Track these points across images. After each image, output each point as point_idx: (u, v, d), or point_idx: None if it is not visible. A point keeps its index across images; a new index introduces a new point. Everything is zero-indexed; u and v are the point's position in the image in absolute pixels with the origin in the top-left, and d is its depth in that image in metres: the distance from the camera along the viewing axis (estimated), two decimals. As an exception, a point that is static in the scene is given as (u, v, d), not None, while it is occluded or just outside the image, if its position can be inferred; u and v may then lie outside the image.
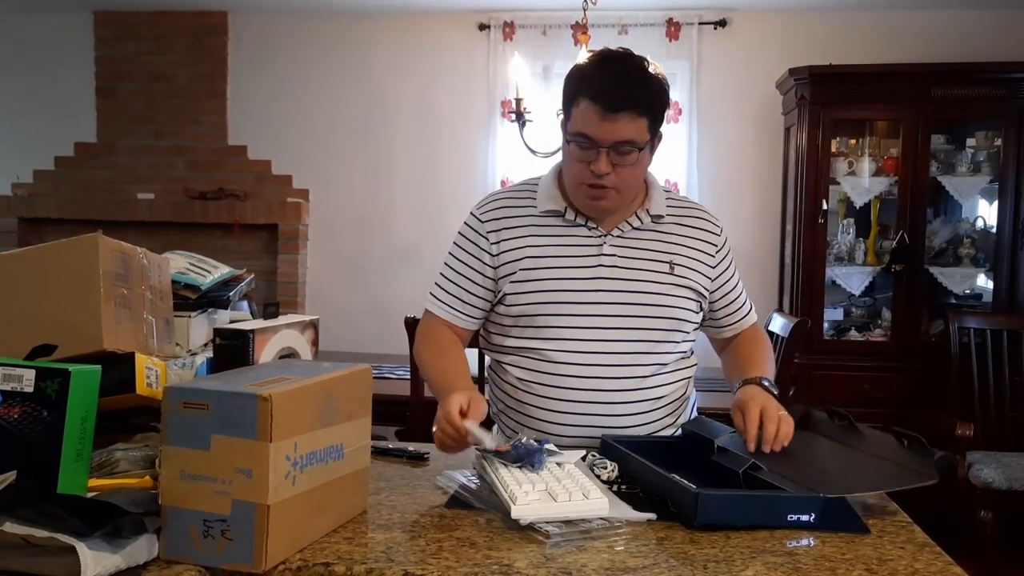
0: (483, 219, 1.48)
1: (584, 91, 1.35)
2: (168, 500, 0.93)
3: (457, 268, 1.49)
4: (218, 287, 1.56)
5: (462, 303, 1.48)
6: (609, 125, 1.33)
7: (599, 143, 1.34)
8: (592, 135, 1.34)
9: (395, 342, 3.06)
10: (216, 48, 4.10)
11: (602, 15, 3.57)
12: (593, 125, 1.33)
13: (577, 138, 1.36)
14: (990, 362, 3.02)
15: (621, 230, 1.45)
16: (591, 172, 1.35)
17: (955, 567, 0.97)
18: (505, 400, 1.51)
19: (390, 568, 0.93)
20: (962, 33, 3.65)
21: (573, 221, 1.44)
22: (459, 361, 1.46)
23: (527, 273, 1.43)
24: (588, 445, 1.37)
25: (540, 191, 1.48)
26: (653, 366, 1.43)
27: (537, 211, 1.46)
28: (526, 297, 1.42)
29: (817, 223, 3.41)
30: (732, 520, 1.05)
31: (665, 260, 1.44)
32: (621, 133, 1.33)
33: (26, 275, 1.20)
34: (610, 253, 1.43)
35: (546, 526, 1.02)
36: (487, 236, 1.46)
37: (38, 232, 4.16)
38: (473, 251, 1.47)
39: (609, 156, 1.34)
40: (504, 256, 1.44)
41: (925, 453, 1.18)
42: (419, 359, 1.51)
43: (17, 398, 0.96)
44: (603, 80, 1.34)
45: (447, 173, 4.02)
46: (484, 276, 1.46)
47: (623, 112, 1.32)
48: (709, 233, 1.49)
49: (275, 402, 0.90)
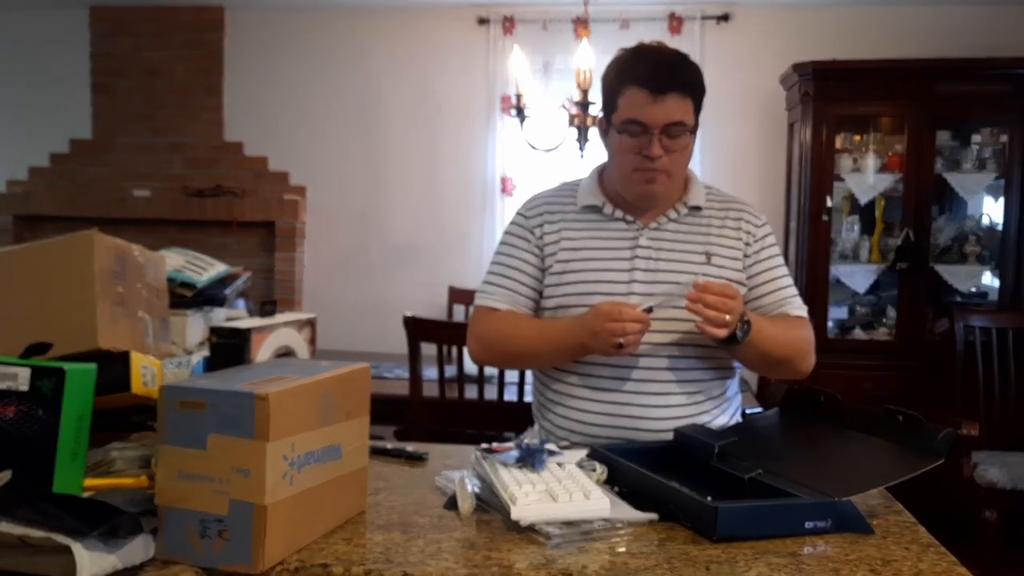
0: (528, 216, 1.52)
1: (629, 79, 1.39)
2: (165, 500, 0.92)
3: (508, 263, 1.51)
4: (215, 285, 1.55)
5: (517, 294, 1.49)
6: (659, 107, 1.36)
7: (650, 127, 1.37)
8: (643, 119, 1.37)
9: (393, 341, 3.05)
10: (213, 44, 4.09)
11: (603, 9, 3.55)
12: (643, 109, 1.37)
13: (628, 126, 1.39)
14: (995, 361, 3.00)
15: (658, 223, 1.46)
16: (644, 157, 1.38)
17: (960, 567, 0.96)
18: (546, 393, 1.52)
19: (389, 569, 0.92)
20: (968, 28, 3.63)
21: (611, 215, 1.47)
22: (540, 320, 1.48)
23: (563, 265, 1.46)
24: (625, 437, 1.39)
25: (581, 189, 1.52)
26: (690, 359, 1.43)
27: (577, 207, 1.50)
28: (563, 289, 1.45)
29: (821, 220, 3.40)
30: (750, 531, 1.03)
31: (701, 251, 1.45)
32: (671, 114, 1.36)
33: (21, 273, 1.20)
34: (646, 246, 1.45)
35: (546, 527, 1.01)
36: (533, 231, 1.50)
37: (33, 229, 4.15)
38: (523, 245, 1.50)
39: (661, 140, 1.37)
40: (547, 249, 1.48)
41: (925, 431, 1.14)
42: (513, 345, 1.48)
43: (12, 397, 0.96)
44: (647, 65, 1.38)
45: (446, 169, 4.01)
46: (535, 267, 1.49)
47: (671, 93, 1.36)
48: (748, 224, 1.49)
49: (272, 401, 0.90)
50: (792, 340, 1.44)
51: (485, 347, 1.52)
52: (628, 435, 1.41)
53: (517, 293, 1.48)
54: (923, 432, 1.15)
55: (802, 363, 1.47)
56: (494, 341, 1.50)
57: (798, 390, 1.37)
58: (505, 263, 1.51)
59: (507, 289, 1.49)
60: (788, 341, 1.44)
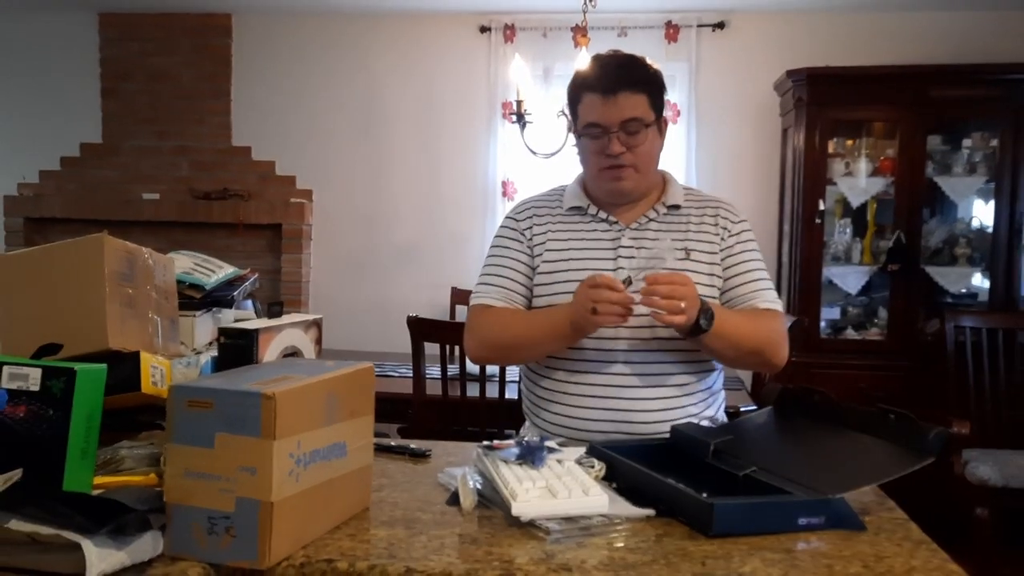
0: (519, 218, 1.58)
1: (583, 86, 1.47)
2: (173, 497, 0.93)
3: (501, 263, 1.55)
4: (223, 287, 1.57)
5: (510, 292, 1.53)
6: (611, 107, 1.43)
7: (607, 126, 1.44)
8: (599, 120, 1.44)
9: (397, 340, 3.07)
10: (220, 49, 4.11)
11: (602, 17, 3.58)
12: (597, 110, 1.44)
13: (588, 129, 1.46)
14: (986, 360, 3.03)
15: (639, 223, 1.51)
16: (607, 156, 1.44)
17: (951, 564, 0.97)
18: (536, 392, 1.55)
19: (392, 564, 0.94)
20: (958, 34, 3.67)
21: (595, 216, 1.53)
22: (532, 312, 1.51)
23: (551, 265, 1.51)
24: (615, 432, 1.42)
25: (567, 193, 1.58)
26: (673, 352, 1.46)
27: (562, 209, 1.55)
28: (550, 288, 1.50)
29: (814, 223, 3.43)
30: (745, 527, 1.04)
31: (680, 247, 1.49)
32: (624, 111, 1.43)
33: (32, 275, 1.21)
34: (628, 245, 1.49)
35: (546, 523, 1.03)
36: (523, 232, 1.55)
37: (44, 232, 4.17)
38: (514, 246, 1.55)
39: (619, 137, 1.43)
40: (536, 249, 1.53)
41: (917, 430, 1.15)
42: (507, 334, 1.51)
43: (23, 397, 0.97)
44: (597, 70, 1.48)
45: (449, 174, 4.03)
46: (527, 267, 1.54)
47: (621, 91, 1.43)
48: (724, 219, 1.53)
49: (279, 400, 0.91)
50: (761, 331, 1.45)
51: (480, 342, 1.54)
52: (619, 429, 1.43)
53: (511, 291, 1.53)
54: (915, 431, 1.15)
55: (774, 355, 1.47)
56: (488, 334, 1.52)
57: (792, 389, 1.39)
58: (498, 263, 1.55)
59: (501, 288, 1.53)
60: (756, 331, 1.45)
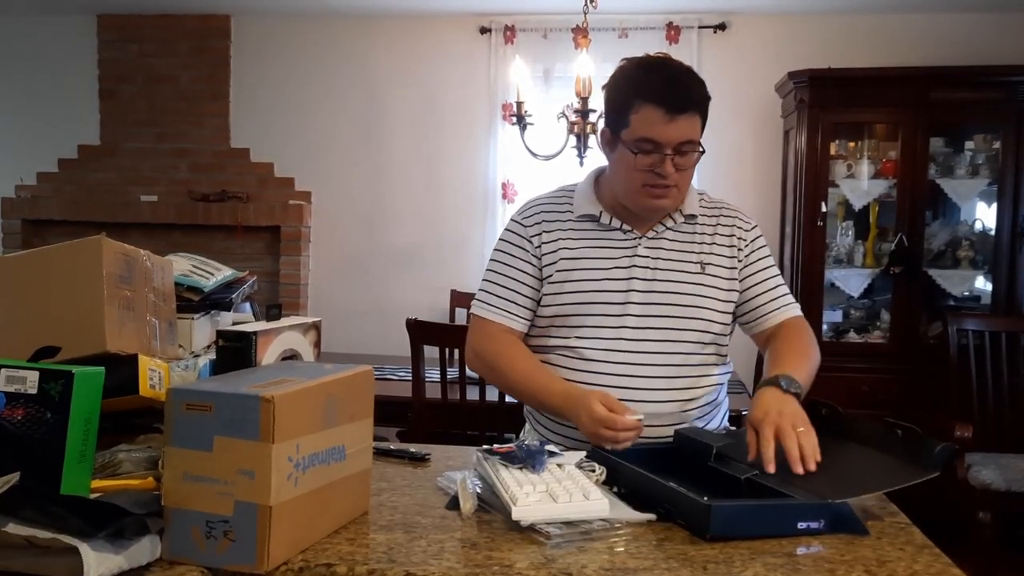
0: (526, 224, 1.51)
1: (643, 96, 1.37)
2: (171, 501, 0.93)
3: (505, 272, 1.50)
4: (221, 289, 1.56)
5: (515, 305, 1.49)
6: (674, 127, 1.36)
7: (664, 146, 1.37)
8: (657, 138, 1.36)
9: (397, 343, 3.07)
10: (219, 51, 4.11)
11: (602, 19, 3.58)
12: (657, 128, 1.36)
13: (641, 144, 1.38)
14: (988, 364, 3.02)
15: (656, 232, 1.47)
16: (655, 175, 1.38)
17: (954, 568, 0.97)
18: None
19: (392, 569, 0.93)
20: (960, 36, 3.66)
21: (608, 225, 1.47)
22: (535, 361, 1.47)
23: (563, 275, 1.46)
24: None
25: (577, 197, 1.51)
26: (685, 366, 1.44)
27: (573, 216, 1.49)
28: (561, 298, 1.45)
29: (816, 225, 3.42)
30: (743, 530, 1.04)
31: (696, 260, 1.46)
32: (684, 133, 1.37)
33: (30, 277, 1.20)
34: (644, 255, 1.45)
35: (546, 527, 1.03)
36: (531, 240, 1.49)
37: (41, 234, 4.18)
38: (520, 254, 1.50)
39: (673, 160, 1.37)
40: (546, 258, 1.48)
41: (923, 445, 1.16)
42: (494, 371, 1.49)
43: (21, 399, 0.97)
44: (660, 83, 1.37)
45: (448, 175, 4.03)
46: (533, 277, 1.49)
47: (687, 113, 1.36)
48: (739, 230, 1.50)
49: (277, 404, 0.90)
50: (812, 357, 1.45)
51: (481, 365, 1.52)
52: None
53: (515, 303, 1.48)
54: (921, 446, 1.17)
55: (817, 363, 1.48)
56: (490, 364, 1.49)
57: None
58: (503, 272, 1.50)
59: (505, 299, 1.48)
60: (811, 359, 1.44)
